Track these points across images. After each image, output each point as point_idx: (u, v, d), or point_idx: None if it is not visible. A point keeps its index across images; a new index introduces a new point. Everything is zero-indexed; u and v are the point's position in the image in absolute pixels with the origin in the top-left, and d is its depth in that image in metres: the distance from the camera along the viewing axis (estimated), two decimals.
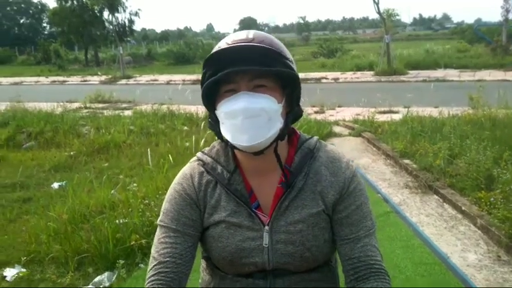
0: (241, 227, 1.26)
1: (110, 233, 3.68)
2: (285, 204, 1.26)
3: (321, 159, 1.31)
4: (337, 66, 20.81)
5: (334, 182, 1.28)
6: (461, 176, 4.68)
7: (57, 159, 6.90)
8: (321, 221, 1.27)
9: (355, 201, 1.27)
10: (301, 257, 1.26)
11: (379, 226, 3.90)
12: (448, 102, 8.66)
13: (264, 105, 1.18)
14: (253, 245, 1.25)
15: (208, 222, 1.29)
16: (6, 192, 5.65)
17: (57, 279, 3.46)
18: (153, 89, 15.90)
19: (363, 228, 1.26)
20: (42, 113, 9.43)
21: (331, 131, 7.79)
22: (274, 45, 1.23)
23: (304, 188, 1.27)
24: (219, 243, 1.27)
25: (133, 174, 5.85)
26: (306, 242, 1.25)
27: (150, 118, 8.94)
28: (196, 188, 1.30)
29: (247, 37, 1.21)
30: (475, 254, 3.51)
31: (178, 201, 1.30)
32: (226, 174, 1.29)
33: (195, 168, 1.34)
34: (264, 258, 1.25)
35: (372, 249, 1.26)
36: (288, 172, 1.28)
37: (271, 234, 1.25)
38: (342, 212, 1.27)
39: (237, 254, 1.26)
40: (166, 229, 1.28)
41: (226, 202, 1.28)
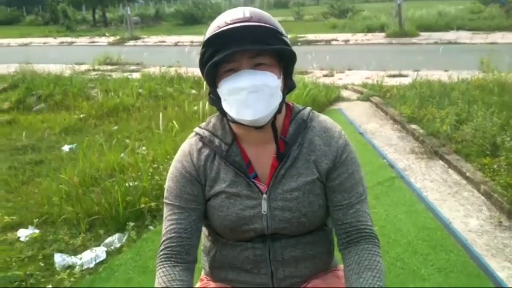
0: (240, 196, 1.34)
1: (120, 196, 3.77)
2: (281, 173, 1.34)
3: (315, 129, 1.38)
4: (348, 27, 20.46)
5: (327, 151, 1.35)
6: (467, 142, 4.69)
7: (67, 122, 6.97)
8: (315, 188, 1.34)
9: (347, 169, 1.35)
10: (297, 222, 1.34)
11: (384, 191, 4.02)
12: (458, 66, 8.58)
13: (266, 81, 1.24)
14: (253, 212, 1.33)
15: (209, 194, 1.36)
16: (18, 154, 5.74)
17: (70, 240, 3.57)
18: (161, 50, 15.81)
19: (355, 194, 1.34)
20: (51, 76, 9.42)
21: (340, 95, 7.75)
22: (271, 23, 1.28)
23: (299, 157, 1.35)
24: (220, 212, 1.34)
25: (142, 138, 5.91)
26: (302, 208, 1.33)
27: (158, 81, 8.93)
28: (195, 165, 1.37)
29: (244, 16, 1.25)
30: (477, 219, 3.57)
31: (179, 179, 1.37)
32: (224, 147, 1.35)
33: (193, 145, 1.40)
34: (263, 225, 1.34)
35: (363, 215, 1.34)
36: (283, 143, 1.35)
37: (269, 201, 1.33)
38: (335, 180, 1.34)
39: (237, 222, 1.34)
40: (171, 206, 1.37)
41: (225, 173, 1.35)
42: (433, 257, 3.04)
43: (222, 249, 1.42)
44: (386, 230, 3.40)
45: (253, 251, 1.38)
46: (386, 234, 3.34)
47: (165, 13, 35.32)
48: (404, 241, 3.25)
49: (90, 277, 3.06)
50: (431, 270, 2.89)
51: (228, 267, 1.43)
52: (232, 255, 1.40)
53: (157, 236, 3.46)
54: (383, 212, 3.68)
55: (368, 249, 1.30)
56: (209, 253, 1.47)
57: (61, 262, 3.27)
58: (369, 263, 1.27)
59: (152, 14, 34.10)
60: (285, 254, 1.38)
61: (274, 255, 1.37)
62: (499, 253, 3.10)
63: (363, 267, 1.26)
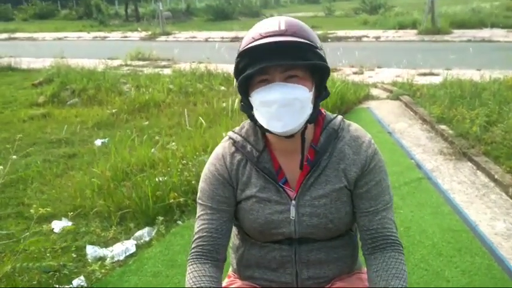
0: (270, 201, 1.40)
1: (150, 191, 3.87)
2: (310, 181, 1.39)
3: (345, 138, 1.42)
4: (379, 23, 20.24)
5: (356, 160, 1.40)
6: (497, 143, 4.65)
7: (100, 116, 7.13)
8: (342, 195, 1.39)
9: (375, 177, 1.40)
10: (324, 228, 1.39)
11: (410, 192, 4.03)
12: (492, 65, 8.41)
13: (297, 95, 1.29)
14: (281, 217, 1.39)
15: (241, 197, 1.42)
16: (53, 148, 5.92)
17: (101, 233, 3.69)
18: (192, 46, 15.96)
19: (381, 202, 1.39)
20: (85, 70, 9.61)
21: (369, 93, 7.70)
22: (306, 35, 1.30)
23: (329, 166, 1.40)
24: (250, 215, 1.40)
25: (172, 134, 6.02)
26: (329, 214, 1.38)
27: (188, 77, 9.03)
28: (228, 168, 1.43)
29: (279, 28, 1.28)
30: (504, 222, 3.55)
31: (212, 181, 1.43)
32: (255, 153, 1.41)
33: (226, 148, 1.46)
34: (290, 229, 1.39)
35: (388, 222, 1.39)
36: (313, 151, 1.40)
37: (298, 208, 1.38)
38: (362, 187, 1.39)
39: (266, 226, 1.39)
40: (203, 207, 1.43)
41: (256, 179, 1.41)
42: (458, 259, 3.05)
43: (250, 248, 1.49)
44: (412, 231, 3.42)
45: (280, 252, 1.43)
46: (411, 235, 3.36)
47: (196, 8, 35.56)
48: (429, 243, 3.26)
49: (120, 269, 3.17)
50: (455, 273, 2.90)
51: (254, 265, 1.49)
52: (260, 254, 1.47)
53: (185, 230, 3.56)
54: (408, 212, 3.69)
55: (395, 257, 1.35)
56: (237, 251, 1.54)
57: (93, 254, 3.39)
58: (397, 271, 1.32)
59: (183, 8, 34.37)
60: (310, 256, 1.43)
61: (300, 257, 1.43)
62: None
63: (391, 275, 1.31)
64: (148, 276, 3.06)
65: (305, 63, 1.29)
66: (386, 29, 18.43)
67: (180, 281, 2.95)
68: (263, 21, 1.35)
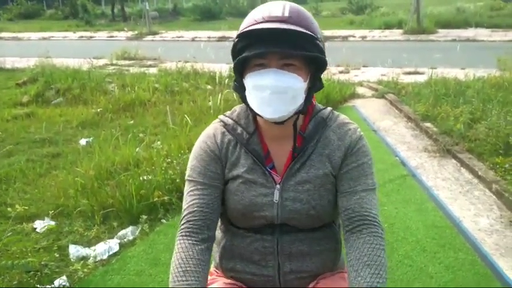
0: (255, 183, 1.39)
1: (134, 190, 3.84)
2: (296, 166, 1.39)
3: (331, 126, 1.43)
4: (366, 23, 20.34)
5: (341, 145, 1.40)
6: (481, 140, 4.68)
7: (84, 116, 7.07)
8: (327, 182, 1.38)
9: (357, 159, 1.39)
10: (306, 214, 1.38)
11: (395, 189, 4.04)
12: (476, 64, 8.49)
13: (290, 84, 1.29)
14: (265, 200, 1.38)
15: (228, 176, 1.42)
16: (36, 147, 5.85)
17: (84, 232, 3.65)
18: (179, 45, 15.89)
19: (362, 184, 1.36)
20: (70, 70, 9.52)
21: (355, 92, 7.74)
22: (308, 25, 1.29)
23: (314, 152, 1.40)
24: (235, 196, 1.40)
25: (157, 132, 5.98)
26: (312, 200, 1.37)
27: (174, 76, 8.99)
28: (219, 146, 1.43)
29: (282, 14, 1.27)
30: (487, 218, 3.57)
31: (204, 157, 1.43)
32: (245, 135, 1.42)
33: (218, 129, 1.47)
34: (273, 213, 1.38)
35: (367, 203, 1.34)
36: (301, 138, 1.40)
37: (282, 192, 1.38)
38: (343, 169, 1.38)
39: (250, 208, 1.39)
40: (194, 183, 1.41)
41: (244, 160, 1.41)
42: (441, 255, 3.06)
43: (233, 239, 1.47)
44: (396, 227, 3.43)
45: (262, 243, 1.42)
46: (396, 231, 3.37)
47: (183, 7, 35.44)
48: (413, 239, 3.27)
49: (103, 268, 3.13)
50: (438, 268, 2.91)
51: (237, 257, 1.47)
52: (242, 245, 1.45)
53: (169, 229, 3.54)
54: (393, 209, 3.70)
55: (369, 242, 1.29)
56: (220, 243, 1.51)
57: (75, 253, 3.35)
58: (368, 258, 1.26)
59: (170, 8, 34.25)
60: (293, 247, 1.41)
61: (282, 248, 1.41)
62: (508, 253, 3.11)
63: (362, 263, 1.26)
64: (132, 275, 3.03)
65: (304, 54, 1.28)
66: (373, 29, 18.53)
67: (164, 280, 2.93)
68: (268, 3, 1.33)
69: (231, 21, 25.80)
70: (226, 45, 12.48)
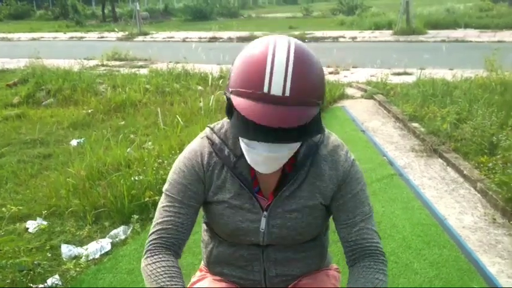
0: (242, 208, 1.38)
1: (126, 190, 3.88)
2: (285, 194, 1.37)
3: (323, 153, 1.39)
4: (356, 24, 20.49)
5: (333, 175, 1.38)
6: (466, 140, 4.78)
7: (75, 116, 7.08)
8: (316, 211, 1.39)
9: (351, 189, 1.38)
10: (292, 239, 1.40)
11: (382, 188, 4.11)
12: (464, 64, 8.60)
13: (285, 153, 1.25)
14: (251, 226, 1.38)
15: (212, 199, 1.40)
16: (27, 148, 5.85)
17: (76, 232, 3.70)
18: (169, 46, 15.92)
19: (360, 214, 1.36)
20: (61, 71, 9.49)
21: (344, 92, 7.82)
22: (310, 94, 1.16)
23: (305, 182, 1.37)
24: (220, 219, 1.40)
25: (148, 133, 6.01)
26: (299, 228, 1.38)
27: (165, 77, 9.02)
28: (204, 167, 1.39)
29: (283, 94, 1.12)
30: (471, 216, 3.66)
31: (186, 176, 1.38)
32: (232, 158, 1.37)
33: (205, 147, 1.40)
34: (259, 239, 1.40)
35: (368, 232, 1.36)
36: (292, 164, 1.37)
37: (269, 219, 1.38)
38: (339, 200, 1.38)
39: (236, 232, 1.40)
40: (171, 199, 1.38)
41: (230, 184, 1.38)
42: (426, 251, 3.14)
43: (219, 245, 1.50)
44: (382, 225, 3.50)
45: (248, 251, 1.45)
46: (382, 229, 3.44)
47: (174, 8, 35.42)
48: (399, 236, 3.35)
49: (95, 267, 3.18)
50: (423, 265, 2.99)
51: (223, 262, 1.51)
52: (228, 252, 1.48)
53: None
54: (380, 208, 3.78)
55: (369, 266, 1.31)
56: (207, 247, 1.55)
57: (67, 253, 3.39)
58: (365, 280, 1.28)
59: (161, 9, 34.23)
60: (278, 255, 1.45)
61: (268, 255, 1.44)
62: (491, 249, 3.19)
63: (359, 284, 1.28)
64: (123, 273, 3.08)
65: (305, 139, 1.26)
66: (363, 30, 18.65)
67: None
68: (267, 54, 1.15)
69: (222, 21, 25.89)
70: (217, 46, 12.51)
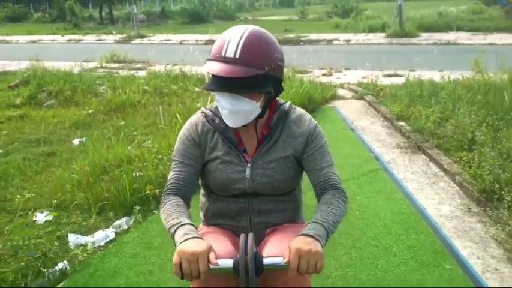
0: (231, 163, 1.78)
1: (128, 184, 4.15)
2: (263, 150, 1.77)
3: (291, 118, 1.81)
4: (351, 27, 20.81)
5: (301, 133, 1.78)
6: (448, 137, 5.07)
7: (77, 117, 7.34)
8: (288, 162, 1.78)
9: (317, 144, 1.77)
10: (271, 186, 1.77)
11: (367, 181, 4.41)
12: (454, 66, 8.85)
13: (242, 107, 1.64)
14: (239, 176, 1.77)
15: (208, 157, 1.79)
16: (31, 146, 6.10)
17: (82, 223, 3.96)
18: (167, 49, 16.19)
19: (324, 162, 1.75)
20: (61, 73, 9.75)
21: (336, 93, 8.11)
22: (258, 62, 1.58)
23: (279, 140, 1.78)
24: (214, 173, 1.78)
25: (148, 132, 6.27)
26: (276, 175, 1.76)
27: (163, 79, 9.29)
28: (199, 133, 1.79)
29: (234, 56, 1.56)
30: (449, 206, 3.95)
31: (185, 142, 1.79)
32: (222, 125, 1.77)
33: (200, 118, 1.82)
34: (245, 185, 1.77)
35: (331, 175, 1.73)
36: (268, 128, 1.78)
37: (252, 169, 1.76)
38: (308, 153, 1.77)
39: (227, 182, 1.77)
40: (177, 162, 1.78)
41: (221, 145, 1.79)
42: (405, 237, 3.43)
43: (214, 203, 1.87)
44: (366, 214, 3.80)
45: (237, 204, 1.81)
46: (366, 218, 3.74)
47: (171, 10, 35.69)
48: (381, 224, 3.64)
49: (101, 252, 3.45)
50: (401, 248, 3.28)
51: (218, 215, 1.87)
52: (221, 207, 1.85)
53: None
54: (364, 199, 4.07)
55: (331, 193, 1.67)
56: (204, 206, 1.93)
57: (74, 241, 3.65)
58: (328, 200, 1.64)
59: (158, 11, 34.49)
60: (261, 207, 1.81)
61: (253, 207, 1.80)
62: (465, 235, 3.48)
63: (322, 203, 1.64)
64: (128, 257, 3.35)
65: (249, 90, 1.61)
66: (357, 33, 18.96)
67: (157, 261, 3.26)
68: (229, 33, 1.62)
69: (219, 24, 26.15)
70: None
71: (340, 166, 4.73)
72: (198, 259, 1.40)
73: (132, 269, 3.20)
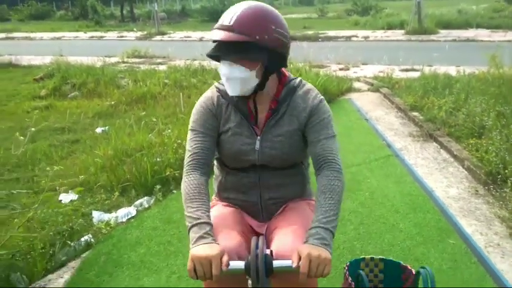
0: (242, 135, 1.85)
1: (149, 166, 4.37)
2: (271, 123, 1.85)
3: (299, 93, 1.86)
4: (369, 24, 20.85)
5: (306, 107, 1.84)
6: (459, 126, 5.19)
7: (100, 107, 7.62)
8: (295, 135, 1.85)
9: (319, 117, 1.82)
10: (280, 158, 1.86)
11: (379, 166, 4.57)
12: (471, 62, 8.87)
13: (237, 75, 1.73)
14: (249, 147, 1.85)
15: (222, 129, 1.88)
16: (57, 134, 6.38)
17: (105, 201, 4.18)
18: (187, 45, 16.42)
19: (324, 134, 1.79)
20: (84, 66, 10.09)
21: (352, 86, 8.25)
22: (251, 31, 1.67)
23: (286, 113, 1.85)
24: (227, 144, 1.88)
25: (168, 122, 6.46)
26: (283, 148, 1.84)
27: (183, 73, 9.52)
28: (215, 105, 1.87)
29: (229, 23, 1.68)
30: (457, 189, 4.09)
31: (203, 113, 1.86)
32: (235, 99, 1.85)
33: (214, 93, 1.90)
34: (255, 157, 1.86)
35: (328, 148, 1.77)
36: (276, 102, 1.86)
37: (261, 141, 1.85)
38: (309, 125, 1.83)
39: (238, 153, 1.87)
40: (196, 132, 1.84)
41: (234, 116, 1.86)
42: (412, 215, 3.59)
43: (227, 176, 1.98)
44: (375, 195, 3.96)
45: (248, 179, 1.91)
46: (375, 198, 3.90)
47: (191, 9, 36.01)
48: (389, 204, 3.79)
49: (123, 226, 3.67)
50: (408, 225, 3.43)
51: (230, 189, 1.98)
52: (233, 180, 1.95)
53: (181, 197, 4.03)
54: (375, 181, 4.23)
55: (326, 175, 1.71)
56: (217, 179, 2.03)
57: (98, 218, 3.87)
58: (325, 187, 1.68)
59: (178, 10, 34.86)
60: (270, 181, 1.91)
61: (262, 182, 1.90)
62: (470, 214, 3.62)
63: (320, 192, 1.69)
64: (148, 230, 3.57)
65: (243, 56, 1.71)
66: (376, 30, 18.99)
67: (175, 233, 3.47)
68: (235, 6, 1.73)
69: None
70: None
71: (353, 152, 4.92)
72: (211, 263, 1.51)
73: (152, 240, 3.42)
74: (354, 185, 4.15)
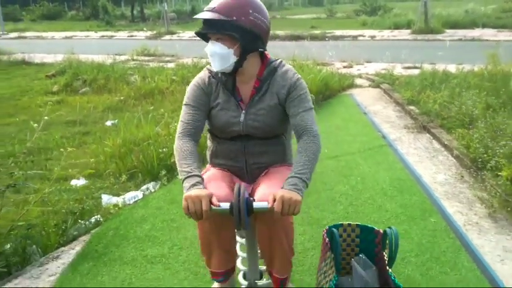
0: (229, 109, 2.18)
1: (155, 154, 4.64)
2: (255, 99, 2.17)
3: (279, 73, 2.19)
4: (377, 24, 21.03)
5: (285, 85, 2.16)
6: (452, 117, 5.41)
7: (109, 102, 7.92)
8: (275, 109, 2.16)
9: (297, 93, 2.13)
10: (262, 129, 2.17)
11: (372, 154, 4.83)
12: (474, 60, 9.00)
13: (218, 51, 2.04)
14: (235, 120, 2.17)
15: (212, 104, 2.19)
16: (68, 127, 6.68)
17: (113, 186, 4.46)
18: (195, 44, 16.48)
19: (302, 107, 2.09)
20: (95, 63, 10.44)
21: (353, 82, 8.48)
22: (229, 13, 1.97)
23: (268, 91, 2.17)
24: (216, 118, 2.19)
25: (174, 116, 6.73)
26: (265, 120, 2.16)
27: (190, 70, 9.78)
28: (206, 84, 2.19)
29: (213, 6, 2.00)
30: (444, 175, 4.32)
31: (196, 90, 2.18)
32: (223, 78, 2.17)
33: (206, 74, 2.23)
34: (240, 128, 2.17)
35: (306, 118, 2.07)
36: (258, 81, 2.18)
37: (246, 115, 2.16)
38: (289, 99, 2.14)
39: (225, 125, 2.18)
40: (189, 106, 2.16)
41: (222, 94, 2.19)
42: (399, 198, 3.83)
43: (218, 145, 2.30)
44: (366, 180, 4.21)
45: (235, 147, 2.23)
46: (365, 182, 4.15)
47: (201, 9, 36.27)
48: (379, 187, 4.04)
49: (130, 206, 3.94)
50: (394, 206, 3.68)
51: (220, 156, 2.31)
52: (222, 148, 2.28)
53: None
54: (367, 168, 4.48)
55: (304, 140, 2.01)
56: (210, 148, 2.36)
57: (107, 200, 4.14)
58: (301, 149, 1.99)
59: (188, 10, 35.18)
60: (254, 149, 2.22)
61: (247, 149, 2.21)
62: (454, 197, 3.86)
63: (298, 153, 1.99)
64: (153, 209, 3.85)
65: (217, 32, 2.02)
66: (383, 29, 19.17)
67: (178, 212, 3.75)
68: None
69: None
70: None
71: (349, 142, 5.17)
72: (201, 201, 1.80)
73: (156, 218, 3.69)
74: (346, 171, 4.42)
